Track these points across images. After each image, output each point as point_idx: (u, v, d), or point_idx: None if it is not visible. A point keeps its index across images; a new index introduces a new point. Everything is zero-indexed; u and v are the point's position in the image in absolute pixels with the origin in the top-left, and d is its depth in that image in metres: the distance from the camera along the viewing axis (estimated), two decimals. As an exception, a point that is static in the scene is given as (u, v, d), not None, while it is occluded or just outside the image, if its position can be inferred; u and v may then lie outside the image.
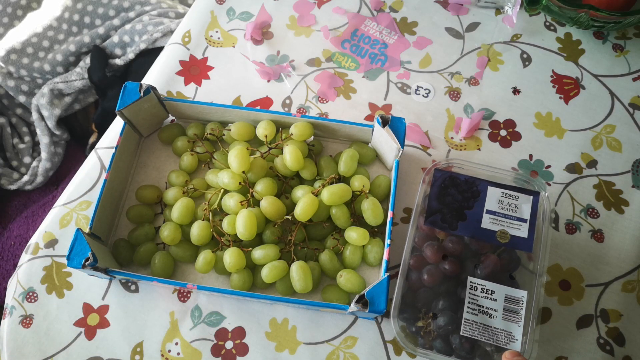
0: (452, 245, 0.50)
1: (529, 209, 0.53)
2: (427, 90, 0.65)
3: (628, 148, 0.61)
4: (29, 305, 0.56)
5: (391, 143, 0.54)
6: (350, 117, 0.63)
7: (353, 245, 0.54)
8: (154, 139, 0.63)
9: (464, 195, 0.54)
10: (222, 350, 0.54)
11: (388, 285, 0.48)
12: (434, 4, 0.70)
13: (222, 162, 0.59)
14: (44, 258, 0.58)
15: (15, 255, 0.86)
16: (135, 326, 0.55)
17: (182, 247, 0.56)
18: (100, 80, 0.92)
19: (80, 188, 0.61)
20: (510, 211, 0.53)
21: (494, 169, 0.54)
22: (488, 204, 0.53)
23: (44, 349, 0.54)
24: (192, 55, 0.68)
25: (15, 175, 0.98)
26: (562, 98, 0.64)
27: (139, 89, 0.56)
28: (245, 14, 0.71)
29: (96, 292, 0.56)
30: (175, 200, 0.56)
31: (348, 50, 0.68)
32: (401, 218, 0.59)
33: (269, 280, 0.52)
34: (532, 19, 0.69)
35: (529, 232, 0.52)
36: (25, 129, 1.02)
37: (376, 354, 0.53)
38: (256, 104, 0.65)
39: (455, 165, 0.55)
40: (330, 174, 0.57)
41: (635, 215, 0.58)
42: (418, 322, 0.50)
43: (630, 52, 0.66)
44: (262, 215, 0.54)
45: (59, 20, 0.97)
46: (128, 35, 0.96)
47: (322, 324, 0.54)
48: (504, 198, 0.53)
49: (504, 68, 0.66)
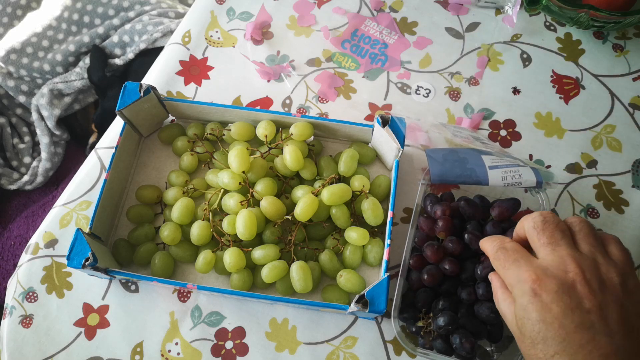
0: (452, 245, 0.50)
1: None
2: (427, 90, 0.65)
3: (628, 148, 0.61)
4: (29, 305, 0.56)
5: (391, 143, 0.54)
6: (350, 117, 0.64)
7: (353, 245, 0.54)
8: (154, 139, 0.63)
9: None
10: (222, 350, 0.54)
11: (388, 285, 0.48)
12: (434, 4, 0.70)
13: (222, 162, 0.59)
14: (44, 258, 0.58)
15: (15, 255, 0.86)
16: (135, 326, 0.55)
17: (182, 247, 0.56)
18: (100, 80, 0.92)
19: (80, 188, 0.61)
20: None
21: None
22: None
23: (44, 349, 0.54)
24: (192, 55, 0.68)
25: (15, 175, 0.98)
26: (562, 98, 0.64)
27: (139, 89, 0.56)
28: (245, 14, 0.71)
29: (96, 292, 0.56)
30: (175, 200, 0.56)
31: (348, 50, 0.68)
32: (401, 218, 0.59)
33: (269, 280, 0.52)
34: (532, 19, 0.69)
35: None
36: (25, 129, 1.02)
37: (376, 354, 0.53)
38: (256, 104, 0.65)
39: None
40: (330, 174, 0.57)
41: (635, 215, 0.58)
42: (418, 322, 0.50)
43: (630, 52, 0.66)
44: (262, 215, 0.54)
45: (58, 19, 0.97)
46: (128, 35, 0.96)
47: (322, 324, 0.54)
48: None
49: (504, 68, 0.66)
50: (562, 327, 0.36)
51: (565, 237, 0.40)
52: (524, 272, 0.39)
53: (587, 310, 0.37)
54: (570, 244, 0.40)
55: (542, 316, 0.37)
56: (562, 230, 0.40)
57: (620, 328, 0.36)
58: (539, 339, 0.37)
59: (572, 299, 0.37)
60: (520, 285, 0.39)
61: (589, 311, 0.37)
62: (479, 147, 0.55)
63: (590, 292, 0.37)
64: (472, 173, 0.52)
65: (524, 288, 0.38)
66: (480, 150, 0.54)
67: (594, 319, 0.36)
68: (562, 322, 0.36)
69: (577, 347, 0.36)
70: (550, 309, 0.37)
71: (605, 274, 0.38)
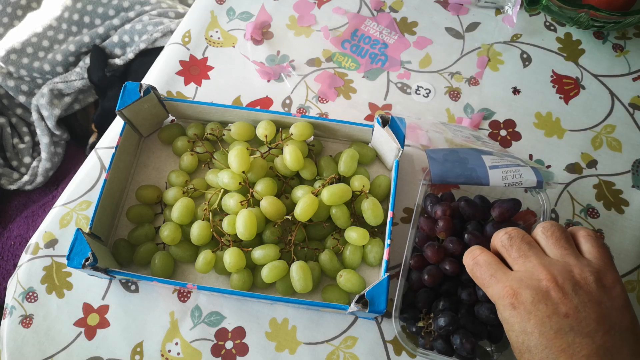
0: (452, 245, 0.50)
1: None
2: (427, 90, 0.65)
3: (628, 148, 0.61)
4: (29, 305, 0.56)
5: (391, 143, 0.54)
6: (350, 117, 0.63)
7: (353, 245, 0.54)
8: (154, 139, 0.63)
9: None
10: (222, 350, 0.54)
11: (388, 285, 0.48)
12: (434, 4, 0.70)
13: (222, 162, 0.59)
14: (44, 258, 0.58)
15: (15, 255, 0.86)
16: (135, 326, 0.55)
17: (182, 247, 0.56)
18: (100, 80, 0.93)
19: (80, 188, 0.61)
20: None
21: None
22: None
23: (44, 349, 0.54)
24: (192, 55, 0.68)
25: (15, 175, 0.98)
26: (562, 98, 0.64)
27: (139, 89, 0.56)
28: (245, 14, 0.71)
29: (96, 292, 0.56)
30: (175, 200, 0.56)
31: (348, 50, 0.68)
32: (401, 218, 0.59)
33: (269, 280, 0.52)
34: (532, 19, 0.69)
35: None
36: (25, 129, 1.02)
37: (376, 354, 0.53)
38: (256, 104, 0.65)
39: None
40: (330, 174, 0.57)
41: (635, 215, 0.58)
42: (419, 322, 0.50)
43: (630, 52, 0.66)
44: (262, 215, 0.54)
45: (58, 20, 0.97)
46: (128, 35, 0.96)
47: (322, 324, 0.54)
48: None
49: (504, 68, 0.66)
50: (542, 335, 0.37)
51: (533, 248, 0.42)
52: (501, 288, 0.40)
53: (564, 315, 0.37)
54: (538, 253, 0.41)
55: (522, 327, 0.38)
56: (527, 242, 0.42)
57: (600, 327, 0.37)
58: (524, 348, 0.39)
59: (548, 306, 0.38)
60: (500, 301, 0.40)
61: (567, 315, 0.37)
62: (479, 147, 0.55)
63: (564, 297, 0.38)
64: (472, 173, 0.52)
65: (503, 303, 0.40)
66: (481, 150, 0.54)
67: (572, 323, 0.37)
68: (542, 330, 0.38)
69: (559, 352, 0.37)
70: (528, 320, 0.38)
71: (579, 274, 0.39)
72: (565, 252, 0.41)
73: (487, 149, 0.55)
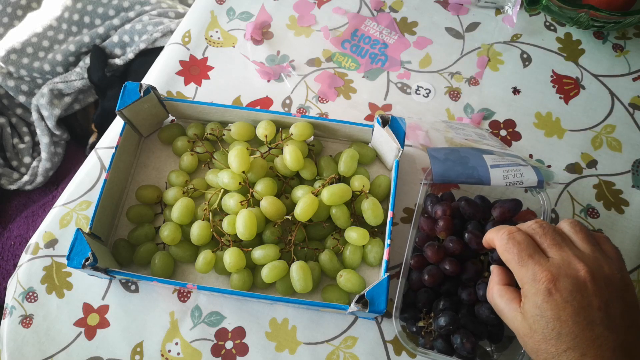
0: (452, 245, 0.50)
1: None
2: (427, 90, 0.65)
3: (628, 148, 0.61)
4: (29, 305, 0.56)
5: (391, 143, 0.54)
6: (350, 117, 0.63)
7: (353, 245, 0.54)
8: (154, 139, 0.63)
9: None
10: (222, 350, 0.54)
11: (388, 285, 0.48)
12: (434, 4, 0.70)
13: (222, 162, 0.59)
14: (44, 258, 0.58)
15: (15, 255, 0.86)
16: (135, 326, 0.55)
17: (182, 247, 0.56)
18: (100, 80, 0.92)
19: (80, 188, 0.61)
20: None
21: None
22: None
23: (44, 349, 0.54)
24: (192, 55, 0.68)
25: (15, 175, 0.98)
26: (562, 98, 0.64)
27: (139, 89, 0.56)
28: (245, 14, 0.71)
29: (96, 292, 0.56)
30: (175, 200, 0.56)
31: (348, 50, 0.68)
32: (401, 218, 0.59)
33: (269, 280, 0.52)
34: (532, 19, 0.69)
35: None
36: (25, 129, 1.02)
37: (376, 354, 0.53)
38: (256, 104, 0.65)
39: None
40: (330, 174, 0.57)
41: (635, 215, 0.58)
42: (419, 322, 0.50)
43: (630, 52, 0.66)
44: (262, 215, 0.54)
45: (58, 20, 0.97)
46: (128, 35, 0.96)
47: (322, 324, 0.54)
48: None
49: (504, 68, 0.66)
50: (576, 324, 0.38)
51: (565, 240, 0.42)
52: (540, 271, 0.40)
53: (597, 308, 0.39)
54: (571, 245, 0.42)
55: (557, 314, 0.39)
56: (560, 233, 0.43)
57: (623, 322, 0.39)
58: (553, 335, 0.39)
59: (584, 297, 0.39)
60: (534, 284, 0.40)
61: (599, 308, 0.39)
62: (480, 146, 0.55)
63: (598, 290, 0.39)
64: (474, 172, 0.52)
65: (538, 287, 0.40)
66: (482, 150, 0.54)
67: (603, 316, 0.38)
68: (576, 319, 0.38)
69: (588, 342, 0.38)
70: (564, 308, 0.39)
71: (609, 270, 0.40)
72: (594, 248, 0.42)
73: (488, 148, 0.55)
